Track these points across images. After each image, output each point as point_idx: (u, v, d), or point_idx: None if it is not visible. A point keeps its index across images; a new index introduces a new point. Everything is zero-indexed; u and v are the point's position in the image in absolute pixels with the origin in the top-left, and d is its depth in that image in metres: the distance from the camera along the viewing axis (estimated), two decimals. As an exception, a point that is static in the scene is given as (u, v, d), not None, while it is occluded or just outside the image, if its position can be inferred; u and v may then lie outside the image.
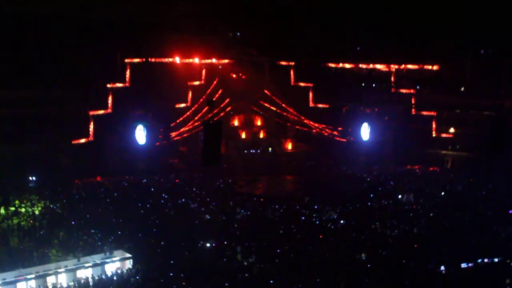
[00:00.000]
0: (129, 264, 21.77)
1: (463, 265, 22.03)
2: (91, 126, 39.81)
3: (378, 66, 43.95)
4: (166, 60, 41.54)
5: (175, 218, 28.48)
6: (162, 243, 24.15)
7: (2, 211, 28.21)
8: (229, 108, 46.15)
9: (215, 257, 22.80)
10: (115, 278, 20.72)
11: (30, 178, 34.64)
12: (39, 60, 36.60)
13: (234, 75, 46.54)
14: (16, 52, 35.82)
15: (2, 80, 35.68)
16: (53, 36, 36.29)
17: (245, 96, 46.75)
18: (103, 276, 20.76)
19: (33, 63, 36.86)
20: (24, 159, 34.93)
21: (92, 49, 37.42)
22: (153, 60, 41.16)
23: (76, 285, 20.34)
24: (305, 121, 47.94)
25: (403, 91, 46.96)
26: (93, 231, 25.26)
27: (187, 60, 42.26)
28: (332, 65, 44.94)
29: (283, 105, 47.42)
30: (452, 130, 47.66)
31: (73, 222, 26.68)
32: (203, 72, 45.11)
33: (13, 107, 36.44)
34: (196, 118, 44.09)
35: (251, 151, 46.41)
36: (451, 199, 33.39)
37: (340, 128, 47.75)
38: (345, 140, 47.52)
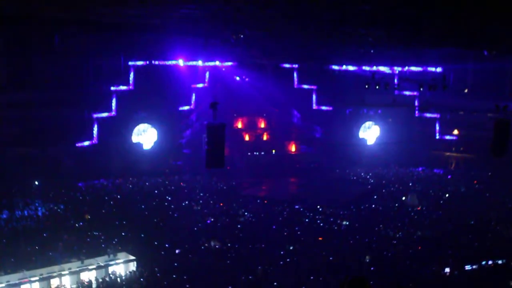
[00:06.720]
0: (132, 266, 21.83)
1: (467, 267, 22.01)
2: (95, 129, 39.95)
3: (381, 68, 43.89)
4: (169, 63, 41.62)
5: (178, 220, 28.55)
6: (166, 245, 24.22)
7: (7, 213, 28.26)
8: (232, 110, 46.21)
9: (219, 260, 22.83)
10: (118, 280, 20.77)
11: (34, 181, 34.72)
12: (43, 63, 36.72)
13: (237, 78, 46.59)
14: (20, 54, 35.93)
15: (5, 83, 35.74)
16: (57, 39, 36.38)
17: (249, 98, 46.76)
18: (107, 279, 20.81)
19: (36, 66, 37.00)
20: (28, 162, 35.02)
21: (96, 52, 37.56)
22: (156, 63, 41.26)
23: (80, 287, 20.41)
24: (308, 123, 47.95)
25: (407, 93, 46.87)
26: (96, 233, 25.32)
27: (190, 63, 42.32)
28: (336, 67, 44.92)
29: (287, 107, 47.43)
30: (455, 132, 47.55)
31: (76, 225, 26.78)
32: (207, 74, 45.20)
33: (16, 109, 36.52)
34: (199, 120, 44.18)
35: (255, 153, 46.43)
36: (455, 201, 33.37)
37: (343, 130, 47.75)
38: (348, 142, 47.49)
